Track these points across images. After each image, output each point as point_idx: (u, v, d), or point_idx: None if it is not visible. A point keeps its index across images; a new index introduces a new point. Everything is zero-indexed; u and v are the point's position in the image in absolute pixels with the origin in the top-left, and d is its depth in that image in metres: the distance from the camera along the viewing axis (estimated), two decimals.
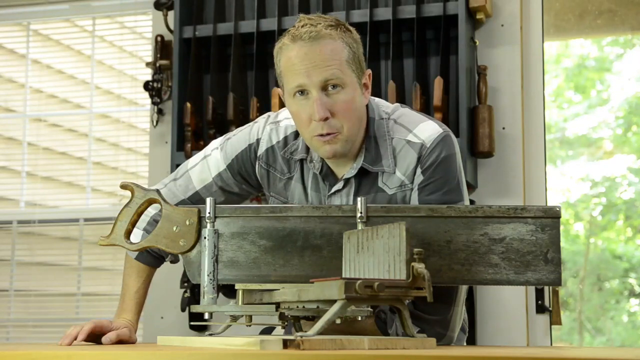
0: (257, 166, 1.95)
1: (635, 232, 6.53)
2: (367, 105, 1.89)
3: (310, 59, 1.76)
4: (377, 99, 1.94)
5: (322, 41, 1.77)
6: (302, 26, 1.79)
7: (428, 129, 1.86)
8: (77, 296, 3.97)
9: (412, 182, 1.84)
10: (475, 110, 3.27)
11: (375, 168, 1.85)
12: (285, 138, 1.93)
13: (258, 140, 1.95)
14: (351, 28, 1.85)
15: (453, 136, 1.88)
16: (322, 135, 1.78)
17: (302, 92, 1.79)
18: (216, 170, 2.00)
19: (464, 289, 1.84)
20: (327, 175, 1.89)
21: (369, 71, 1.89)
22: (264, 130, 1.96)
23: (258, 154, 1.95)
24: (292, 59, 1.78)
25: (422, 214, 1.66)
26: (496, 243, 1.63)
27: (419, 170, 1.83)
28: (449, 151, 1.84)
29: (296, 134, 1.92)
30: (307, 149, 1.90)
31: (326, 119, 1.77)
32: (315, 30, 1.78)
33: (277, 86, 3.26)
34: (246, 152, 1.96)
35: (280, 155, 1.93)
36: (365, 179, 1.87)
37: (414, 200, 1.83)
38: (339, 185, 1.88)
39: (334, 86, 1.78)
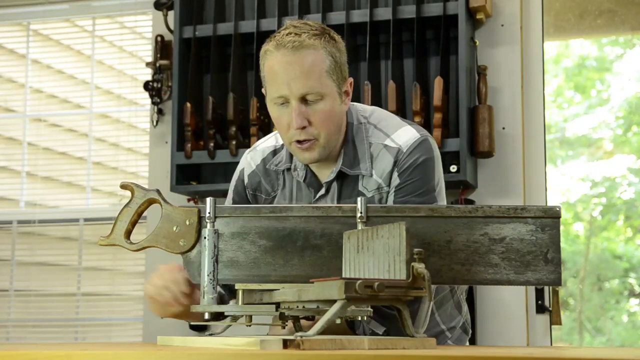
0: (248, 195, 2.03)
1: (635, 232, 6.53)
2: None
3: (292, 69, 1.80)
4: (355, 104, 1.98)
5: (303, 51, 1.81)
6: (287, 34, 1.83)
7: (406, 135, 1.89)
8: (77, 296, 3.97)
9: (388, 185, 1.88)
10: (475, 110, 3.27)
11: (353, 171, 1.89)
12: (264, 159, 2.00)
13: (242, 171, 2.03)
14: (336, 36, 1.89)
15: (432, 140, 1.91)
16: (299, 142, 1.84)
17: (282, 101, 1.84)
18: None
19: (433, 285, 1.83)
20: (312, 182, 1.94)
21: (351, 79, 1.93)
22: (245, 159, 2.04)
23: (245, 183, 2.02)
24: (274, 67, 1.83)
25: (422, 214, 1.66)
26: (496, 243, 1.63)
27: (395, 174, 1.87)
28: (427, 155, 1.87)
29: (274, 153, 2.00)
30: (291, 158, 1.96)
31: (304, 127, 1.82)
32: (299, 40, 1.81)
33: None
34: (237, 186, 2.04)
35: (262, 174, 1.99)
36: (346, 183, 1.91)
37: (390, 202, 1.86)
38: (322, 191, 1.92)
39: (313, 97, 1.82)
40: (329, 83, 1.83)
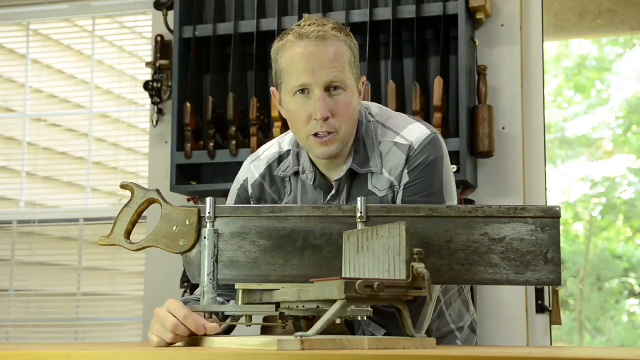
0: (253, 205, 1.97)
1: (635, 232, 6.53)
2: None
3: (317, 59, 1.78)
4: (363, 102, 1.96)
5: (328, 42, 1.79)
6: (309, 25, 1.80)
7: (416, 131, 1.88)
8: (77, 296, 3.97)
9: (400, 183, 1.85)
10: (475, 110, 3.27)
11: (363, 170, 1.87)
12: (269, 167, 1.96)
13: (246, 180, 1.99)
14: (351, 34, 1.87)
15: (441, 137, 1.90)
16: (319, 136, 1.80)
17: (304, 90, 1.80)
18: None
19: (437, 287, 1.83)
20: (321, 184, 1.91)
21: (364, 78, 1.92)
22: (248, 169, 1.99)
23: (250, 193, 1.98)
24: (296, 56, 1.79)
25: (422, 214, 1.66)
26: (496, 243, 1.63)
27: (406, 171, 1.85)
28: (437, 154, 1.86)
29: (279, 160, 1.96)
30: (298, 162, 1.92)
31: (326, 119, 1.78)
32: (323, 31, 1.79)
33: None
34: (240, 196, 1.99)
35: (267, 183, 1.95)
36: (355, 184, 1.89)
37: (399, 201, 1.85)
38: (333, 191, 1.90)
39: (336, 88, 1.80)
40: (350, 76, 1.82)
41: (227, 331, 1.83)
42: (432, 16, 3.26)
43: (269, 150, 2.00)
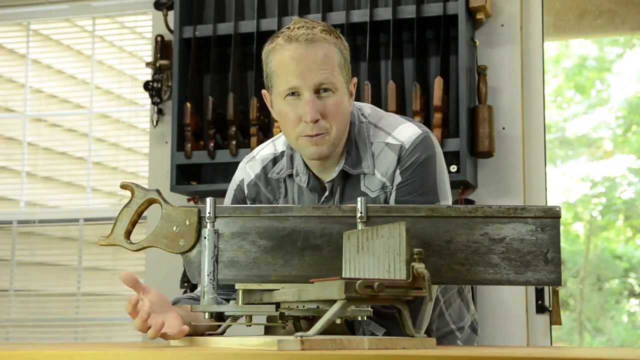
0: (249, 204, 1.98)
1: (635, 232, 6.53)
2: None
3: (306, 61, 1.78)
4: (355, 102, 1.96)
5: (317, 44, 1.79)
6: (298, 28, 1.81)
7: (407, 131, 1.88)
8: (77, 296, 3.97)
9: (392, 183, 1.85)
10: (475, 110, 3.27)
11: (355, 171, 1.87)
12: (264, 168, 1.97)
13: (242, 181, 1.99)
14: (342, 36, 1.88)
15: (433, 136, 1.90)
16: (310, 136, 1.81)
17: (294, 93, 1.81)
18: None
19: (434, 286, 1.82)
20: (315, 187, 1.91)
21: (355, 80, 1.92)
22: (244, 169, 2.00)
23: (246, 193, 1.98)
24: (285, 59, 1.79)
25: (422, 214, 1.66)
26: (496, 243, 1.63)
27: (398, 171, 1.85)
28: (429, 152, 1.86)
29: (274, 161, 1.96)
30: (292, 164, 1.92)
31: (316, 121, 1.79)
32: (312, 33, 1.80)
33: None
34: (237, 196, 2.00)
35: (262, 183, 1.96)
36: (348, 185, 1.89)
37: (392, 201, 1.85)
38: (327, 192, 1.90)
39: (325, 90, 1.80)
40: (340, 78, 1.82)
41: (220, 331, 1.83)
42: (432, 16, 3.26)
43: (263, 151, 2.00)
